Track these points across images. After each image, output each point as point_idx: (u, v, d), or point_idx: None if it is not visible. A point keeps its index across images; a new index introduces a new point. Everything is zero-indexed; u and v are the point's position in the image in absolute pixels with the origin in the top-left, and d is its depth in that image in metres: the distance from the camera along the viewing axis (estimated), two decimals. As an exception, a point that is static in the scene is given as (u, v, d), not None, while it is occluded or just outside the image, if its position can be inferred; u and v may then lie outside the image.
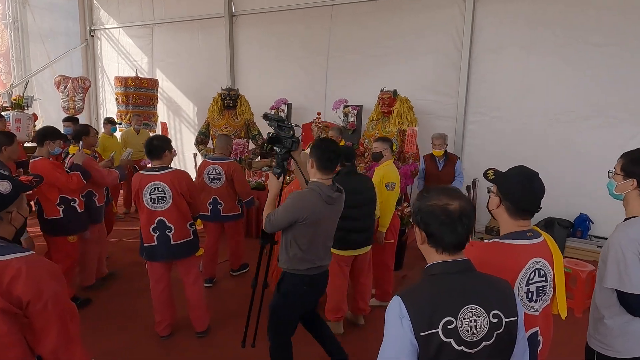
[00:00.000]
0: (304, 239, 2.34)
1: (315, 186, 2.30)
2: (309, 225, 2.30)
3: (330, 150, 2.33)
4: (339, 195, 2.41)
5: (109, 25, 9.30)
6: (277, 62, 7.49)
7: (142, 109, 7.57)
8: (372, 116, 5.95)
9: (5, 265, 1.42)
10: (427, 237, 1.27)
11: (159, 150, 3.07)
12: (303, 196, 2.30)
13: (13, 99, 6.27)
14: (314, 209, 2.27)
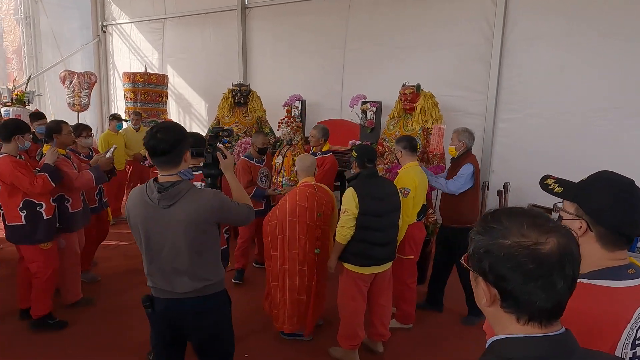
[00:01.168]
0: (140, 245, 1.97)
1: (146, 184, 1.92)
2: (133, 226, 1.94)
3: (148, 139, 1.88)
4: (157, 197, 1.84)
5: (120, 20, 9.06)
6: (291, 56, 7.07)
7: (150, 106, 7.26)
8: (393, 113, 5.46)
9: None
10: (502, 297, 0.79)
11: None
12: (132, 195, 1.96)
13: (14, 95, 6.03)
14: (134, 210, 1.90)
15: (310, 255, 2.96)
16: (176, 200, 1.81)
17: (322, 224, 2.89)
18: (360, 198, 2.58)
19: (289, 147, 4.62)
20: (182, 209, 1.82)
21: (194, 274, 1.90)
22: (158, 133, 1.81)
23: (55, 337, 3.24)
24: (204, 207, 1.86)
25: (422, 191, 3.14)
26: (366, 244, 2.65)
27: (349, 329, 2.80)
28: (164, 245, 1.86)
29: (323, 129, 4.43)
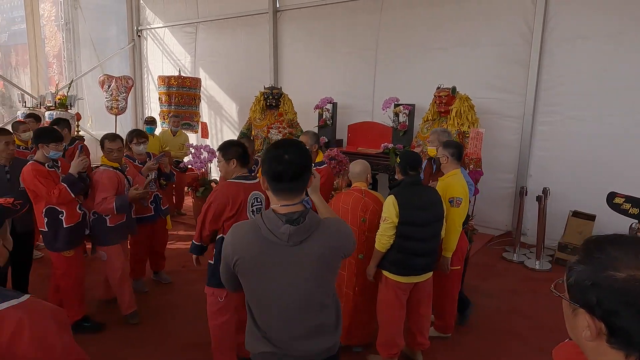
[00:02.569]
0: (251, 297, 1.55)
1: (259, 216, 1.51)
2: (241, 269, 1.51)
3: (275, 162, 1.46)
4: (288, 230, 1.43)
5: (154, 24, 9.27)
6: (323, 58, 7.07)
7: (184, 109, 7.40)
8: (427, 116, 5.38)
9: (1, 318, 1.02)
10: (610, 333, 0.74)
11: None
12: (236, 230, 1.55)
13: (57, 99, 6.26)
14: (245, 248, 1.48)
15: (351, 261, 2.92)
16: (309, 234, 1.46)
17: (367, 230, 2.85)
18: (402, 207, 2.53)
19: None
20: (316, 244, 1.47)
21: (326, 326, 1.55)
22: (286, 155, 1.43)
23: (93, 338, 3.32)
24: (337, 238, 1.54)
25: (468, 199, 3.06)
26: (406, 253, 2.59)
27: (387, 337, 2.76)
28: (291, 293, 1.48)
29: (314, 135, 3.69)
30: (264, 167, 1.48)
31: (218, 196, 2.56)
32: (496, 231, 5.70)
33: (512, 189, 5.63)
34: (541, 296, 4.10)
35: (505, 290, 4.20)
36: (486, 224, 5.55)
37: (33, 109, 6.51)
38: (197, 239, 2.69)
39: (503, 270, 4.71)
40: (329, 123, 6.46)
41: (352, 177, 3.01)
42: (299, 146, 1.53)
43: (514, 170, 5.59)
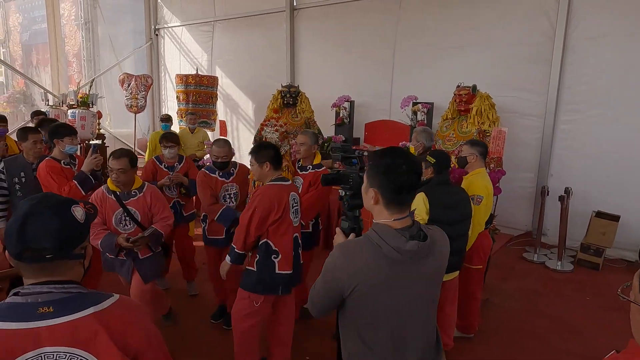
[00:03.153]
0: (363, 322, 1.37)
1: (373, 232, 1.34)
2: (360, 298, 1.33)
3: (400, 173, 1.32)
4: (416, 247, 1.30)
5: (172, 23, 9.37)
6: (340, 57, 7.06)
7: (201, 107, 7.46)
8: (446, 115, 5.33)
9: (109, 314, 1.05)
10: None
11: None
12: (348, 250, 1.35)
13: (79, 97, 6.37)
14: (367, 272, 1.30)
15: None
16: (431, 248, 1.36)
17: None
18: (431, 205, 2.52)
19: None
20: (432, 257, 1.36)
21: (438, 347, 1.47)
22: (405, 164, 1.32)
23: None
24: (446, 249, 1.43)
25: (491, 198, 3.04)
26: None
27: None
28: (411, 313, 1.36)
29: (314, 135, 3.33)
30: (377, 179, 1.33)
31: (262, 200, 2.43)
32: (515, 231, 5.63)
33: (532, 189, 5.56)
34: (563, 297, 4.05)
35: (526, 291, 4.16)
36: (506, 224, 5.50)
37: (56, 107, 6.62)
38: (241, 247, 2.48)
39: (523, 271, 4.66)
40: (346, 121, 6.45)
41: None
42: (410, 153, 1.50)
43: (534, 169, 5.52)
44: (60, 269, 1.04)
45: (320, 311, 1.45)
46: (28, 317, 0.95)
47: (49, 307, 0.97)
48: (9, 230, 1.01)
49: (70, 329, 0.97)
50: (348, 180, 1.63)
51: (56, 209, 1.05)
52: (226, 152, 3.28)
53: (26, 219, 1.00)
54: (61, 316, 0.97)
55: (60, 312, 0.98)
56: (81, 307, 1.00)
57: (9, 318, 0.94)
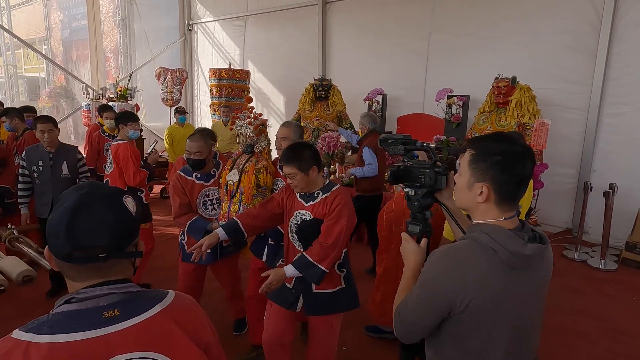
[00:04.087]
0: (472, 340, 1.16)
1: (483, 235, 1.12)
2: (475, 315, 1.12)
3: (520, 162, 1.12)
4: (538, 250, 1.13)
5: (205, 18, 9.51)
6: (372, 49, 6.99)
7: (233, 100, 7.55)
8: (483, 107, 5.21)
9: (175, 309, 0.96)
10: None
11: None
12: (456, 256, 1.14)
13: (118, 91, 6.58)
14: (483, 283, 1.10)
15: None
16: (546, 251, 1.18)
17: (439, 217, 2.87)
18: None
19: (250, 156, 2.83)
20: (544, 261, 1.19)
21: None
22: (531, 152, 1.16)
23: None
24: (551, 252, 1.24)
25: (530, 192, 2.95)
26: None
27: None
28: (526, 325, 1.20)
29: (297, 127, 2.82)
30: (491, 172, 1.12)
31: (352, 210, 2.14)
32: (554, 228, 5.45)
33: (573, 185, 5.36)
34: (608, 297, 3.89)
35: (568, 290, 4.02)
36: (544, 221, 5.32)
37: (96, 100, 6.86)
38: (329, 266, 2.08)
39: (564, 269, 4.50)
40: (379, 114, 6.39)
41: None
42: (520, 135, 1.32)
43: (576, 165, 5.32)
44: (115, 269, 0.91)
45: (416, 334, 1.21)
46: (93, 324, 0.83)
47: (114, 310, 0.86)
48: (54, 227, 0.86)
49: (142, 331, 0.87)
50: (417, 177, 1.37)
51: (109, 201, 0.90)
52: (200, 147, 2.75)
53: (76, 212, 0.85)
54: (129, 318, 0.86)
55: (127, 314, 0.87)
56: (148, 306, 0.90)
57: (73, 328, 0.82)
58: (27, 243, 2.71)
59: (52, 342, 0.79)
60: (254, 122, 2.87)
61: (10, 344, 0.80)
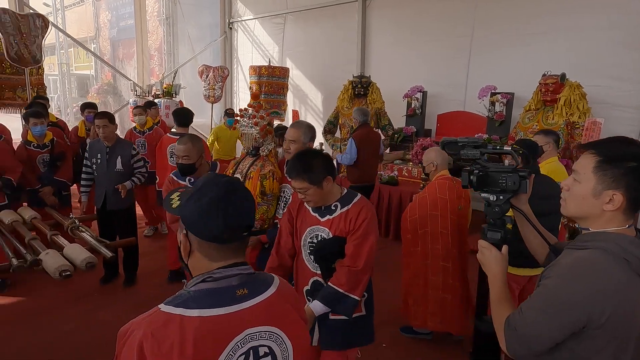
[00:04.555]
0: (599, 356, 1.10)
1: (613, 244, 1.08)
2: (611, 330, 1.06)
3: None
4: None
5: (245, 16, 9.69)
6: (412, 46, 6.91)
7: (273, 97, 7.68)
8: (529, 105, 5.06)
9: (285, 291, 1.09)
10: None
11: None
12: (592, 268, 1.08)
13: (164, 88, 6.84)
14: (622, 295, 1.05)
15: (454, 252, 2.89)
16: None
17: (462, 217, 2.83)
18: (528, 197, 2.43)
19: (255, 159, 2.61)
20: None
21: None
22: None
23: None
24: None
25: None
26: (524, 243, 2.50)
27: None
28: None
29: (308, 128, 2.53)
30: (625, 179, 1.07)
31: (375, 223, 1.93)
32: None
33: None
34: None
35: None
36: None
37: (142, 97, 7.16)
38: (361, 294, 1.88)
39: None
40: (418, 112, 6.33)
41: (441, 165, 2.98)
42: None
43: (627, 165, 5.07)
44: (242, 250, 1.03)
45: (536, 349, 1.13)
46: (230, 301, 0.95)
47: (244, 289, 0.97)
48: (205, 211, 0.95)
49: (265, 308, 0.98)
50: (498, 181, 1.32)
51: (244, 187, 1.04)
52: (187, 151, 2.59)
53: (229, 197, 0.97)
54: (255, 297, 0.98)
55: (253, 293, 0.98)
56: (265, 287, 1.02)
57: (215, 304, 0.93)
58: (87, 232, 2.90)
59: (201, 315, 0.90)
60: (260, 122, 2.58)
61: (164, 317, 0.90)
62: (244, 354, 0.94)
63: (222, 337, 0.92)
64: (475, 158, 1.39)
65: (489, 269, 1.32)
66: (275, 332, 0.99)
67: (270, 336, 0.98)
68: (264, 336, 0.97)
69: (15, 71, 5.99)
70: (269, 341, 0.98)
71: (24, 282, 3.82)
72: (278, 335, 0.99)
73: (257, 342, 0.96)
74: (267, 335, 0.97)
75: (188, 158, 2.61)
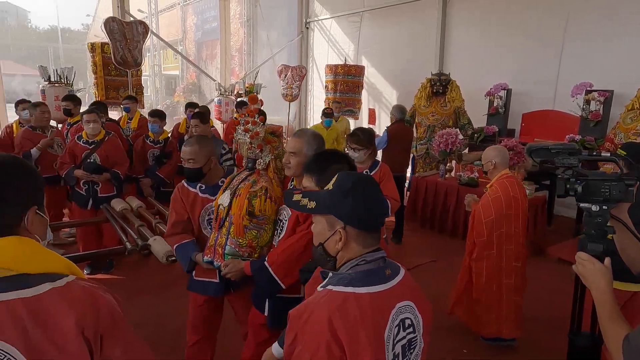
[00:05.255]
0: None
1: None
2: None
3: None
4: None
5: (322, 16, 9.85)
6: (496, 41, 6.59)
7: (347, 96, 7.75)
8: (632, 104, 4.62)
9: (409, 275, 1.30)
10: None
11: None
12: None
13: (246, 87, 7.22)
14: None
15: (523, 251, 2.89)
16: None
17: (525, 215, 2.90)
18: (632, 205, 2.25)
19: (250, 173, 2.20)
20: None
21: None
22: None
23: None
24: None
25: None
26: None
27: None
28: None
29: (313, 138, 2.11)
30: None
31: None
32: None
33: None
34: None
35: None
36: None
37: (226, 97, 7.61)
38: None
39: None
40: (501, 111, 6.05)
41: (501, 164, 2.91)
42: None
43: None
44: (379, 236, 1.18)
45: None
46: (384, 279, 1.11)
47: (388, 269, 1.14)
48: (368, 205, 1.11)
49: (404, 285, 1.14)
50: (600, 190, 1.26)
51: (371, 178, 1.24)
52: (192, 153, 2.23)
53: (371, 190, 1.14)
54: (396, 276, 1.14)
55: (394, 273, 1.15)
56: (397, 267, 1.18)
57: (375, 282, 1.09)
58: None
59: (369, 292, 1.06)
60: (251, 129, 2.15)
61: (341, 296, 1.04)
62: (398, 325, 1.09)
63: (385, 310, 1.07)
64: (572, 166, 1.32)
65: (592, 282, 1.25)
66: (412, 306, 1.14)
67: (411, 310, 1.13)
68: (407, 309, 1.12)
69: (119, 73, 6.68)
70: (409, 314, 1.12)
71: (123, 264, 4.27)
72: (414, 308, 1.14)
73: (404, 314, 1.11)
74: (409, 309, 1.12)
75: (194, 162, 2.22)
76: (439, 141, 5.38)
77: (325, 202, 1.13)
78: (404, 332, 1.10)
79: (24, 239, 0.90)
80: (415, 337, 1.14)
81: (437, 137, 5.50)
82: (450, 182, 5.33)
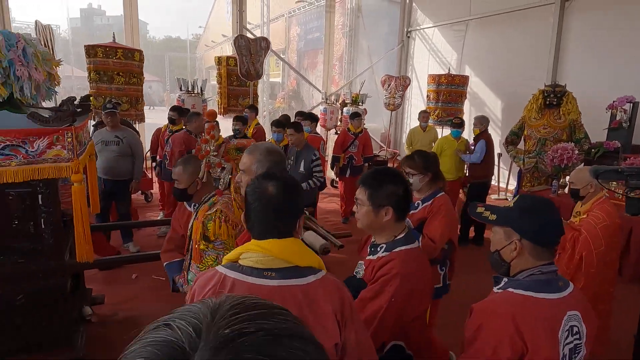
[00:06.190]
0: None
1: None
2: None
3: None
4: None
5: (424, 25, 9.91)
6: (621, 50, 6.17)
7: (450, 106, 7.74)
8: None
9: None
10: None
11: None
12: None
13: (352, 96, 7.57)
14: None
15: (615, 275, 2.92)
16: None
17: None
18: None
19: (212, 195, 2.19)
20: None
21: None
22: None
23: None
24: None
25: None
26: None
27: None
28: None
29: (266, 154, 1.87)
30: None
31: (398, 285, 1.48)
32: None
33: None
34: None
35: None
36: None
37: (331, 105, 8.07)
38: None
39: None
40: (625, 125, 5.65)
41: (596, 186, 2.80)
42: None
43: None
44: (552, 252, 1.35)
45: None
46: (557, 289, 1.26)
47: (561, 282, 1.30)
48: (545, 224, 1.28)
49: (573, 297, 1.28)
50: None
51: None
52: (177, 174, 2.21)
53: (552, 210, 1.31)
54: (567, 289, 1.29)
55: (565, 285, 1.30)
56: (567, 284, 1.32)
57: (550, 291, 1.25)
58: (315, 223, 3.56)
59: (546, 298, 1.23)
60: (202, 148, 2.10)
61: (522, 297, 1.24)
62: (567, 330, 1.23)
63: (559, 315, 1.22)
64: None
65: None
66: (579, 316, 1.26)
67: (578, 319, 1.26)
68: (575, 318, 1.25)
69: (239, 84, 7.45)
70: (577, 322, 1.25)
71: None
72: (580, 318, 1.26)
73: (572, 322, 1.24)
74: (577, 318, 1.25)
75: (178, 182, 2.22)
76: (553, 156, 5.21)
77: (504, 216, 1.33)
78: (572, 337, 1.23)
79: (296, 240, 1.21)
80: (580, 344, 1.26)
81: (550, 152, 5.32)
82: (564, 199, 5.14)
